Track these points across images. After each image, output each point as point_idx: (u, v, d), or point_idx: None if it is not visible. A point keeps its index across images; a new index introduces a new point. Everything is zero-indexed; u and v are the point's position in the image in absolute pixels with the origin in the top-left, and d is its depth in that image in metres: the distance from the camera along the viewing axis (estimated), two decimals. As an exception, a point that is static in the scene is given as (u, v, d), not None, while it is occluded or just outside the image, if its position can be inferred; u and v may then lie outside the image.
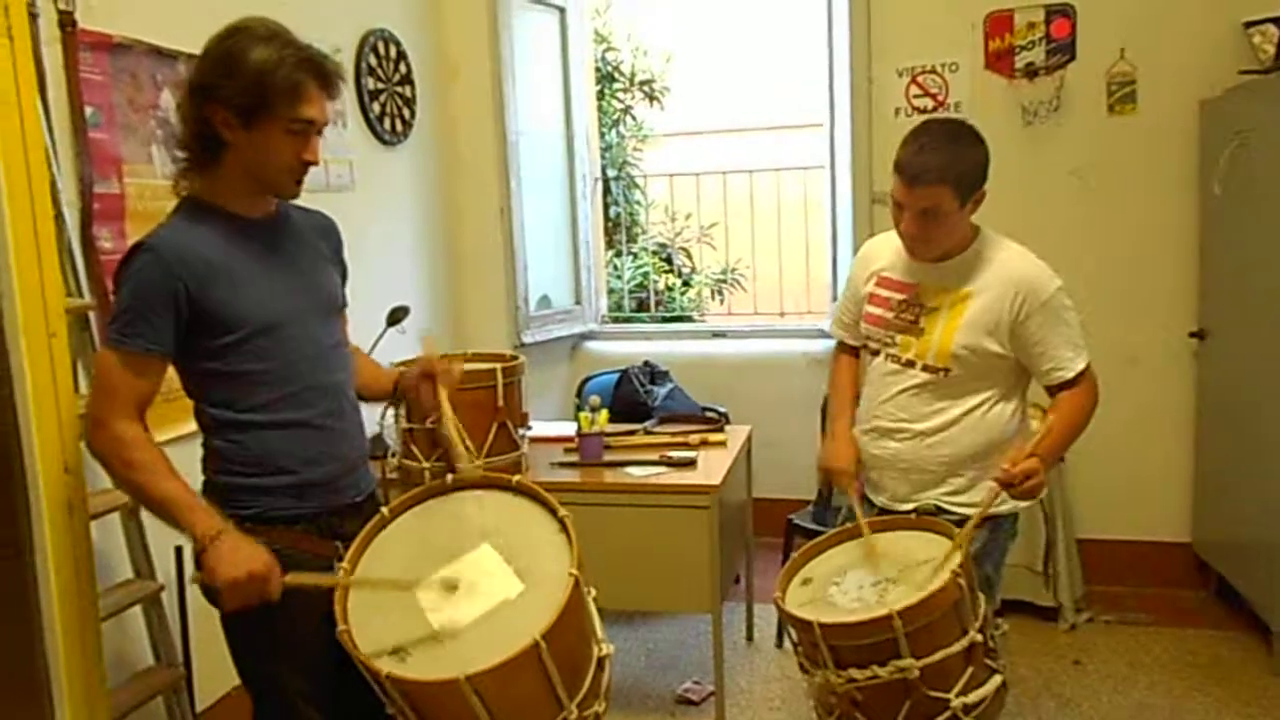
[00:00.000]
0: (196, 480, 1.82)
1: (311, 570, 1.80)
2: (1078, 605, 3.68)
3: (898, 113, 4.06)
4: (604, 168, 5.60)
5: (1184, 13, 3.71)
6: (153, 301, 1.68)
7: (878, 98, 4.09)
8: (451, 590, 1.71)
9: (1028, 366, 2.18)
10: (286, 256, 1.86)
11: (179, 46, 2.70)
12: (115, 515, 2.46)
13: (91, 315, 2.43)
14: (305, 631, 1.78)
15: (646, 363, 4.28)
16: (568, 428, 3.37)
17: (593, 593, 1.79)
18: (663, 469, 3.02)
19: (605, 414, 3.20)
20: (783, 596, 1.99)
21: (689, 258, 6.57)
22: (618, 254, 5.89)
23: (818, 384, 2.55)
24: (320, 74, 1.75)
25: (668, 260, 6.45)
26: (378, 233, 3.84)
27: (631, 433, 3.37)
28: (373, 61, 3.81)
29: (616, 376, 4.16)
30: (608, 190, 5.79)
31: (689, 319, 5.87)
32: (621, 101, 6.39)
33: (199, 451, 1.84)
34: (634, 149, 6.50)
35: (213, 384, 1.78)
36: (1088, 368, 2.15)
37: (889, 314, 2.27)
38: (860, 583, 1.96)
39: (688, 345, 4.81)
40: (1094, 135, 3.85)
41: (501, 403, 2.86)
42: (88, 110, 2.50)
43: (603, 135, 5.84)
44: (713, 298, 6.57)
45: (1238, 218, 3.44)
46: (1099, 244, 3.88)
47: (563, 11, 4.69)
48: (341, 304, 2.00)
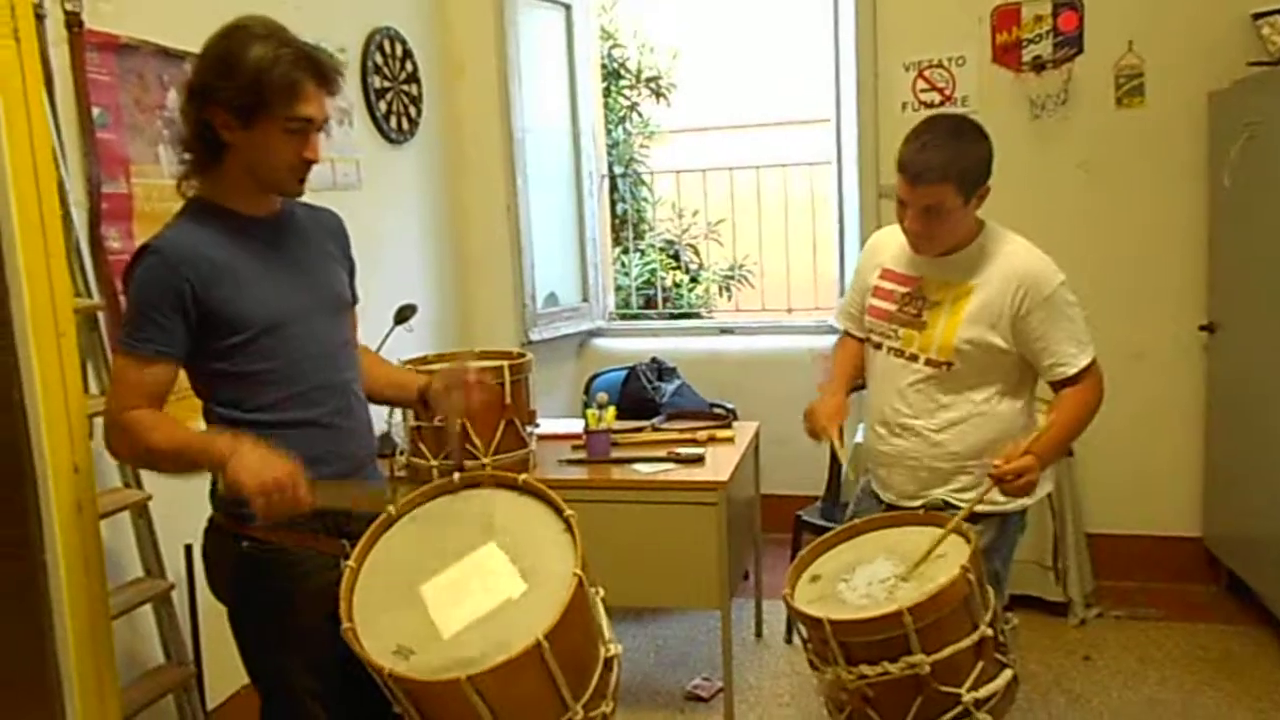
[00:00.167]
0: (204, 480, 1.82)
1: (320, 570, 1.81)
2: (1087, 600, 3.66)
3: (904, 107, 4.05)
4: (610, 165, 5.60)
5: (1192, 5, 3.69)
6: (160, 304, 1.69)
7: (884, 92, 4.08)
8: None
9: (1031, 362, 2.17)
10: (292, 255, 1.86)
11: (185, 47, 2.70)
12: (125, 514, 2.47)
13: (100, 315, 2.44)
14: (313, 629, 1.79)
15: (654, 359, 4.28)
16: (575, 425, 3.37)
17: (600, 592, 1.78)
18: (671, 466, 3.02)
19: (613, 411, 3.20)
20: (792, 593, 1.98)
21: (696, 254, 6.56)
22: (625, 251, 5.89)
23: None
24: (318, 71, 1.75)
25: (675, 257, 6.43)
26: (385, 231, 3.85)
27: (639, 429, 3.37)
28: (379, 60, 3.82)
29: (624, 373, 4.16)
30: (614, 187, 5.79)
31: (696, 315, 5.85)
32: (628, 98, 6.37)
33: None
34: (640, 146, 6.49)
35: (220, 384, 1.78)
36: (1093, 364, 2.14)
37: (892, 307, 2.26)
38: (869, 579, 1.96)
39: (695, 342, 4.80)
40: (1102, 128, 3.84)
41: (509, 400, 2.87)
42: (95, 110, 2.50)
43: (609, 132, 5.84)
44: (720, 294, 6.56)
45: (1247, 210, 3.42)
46: (1107, 237, 3.87)
47: (568, 8, 4.69)
48: (350, 301, 2.00)
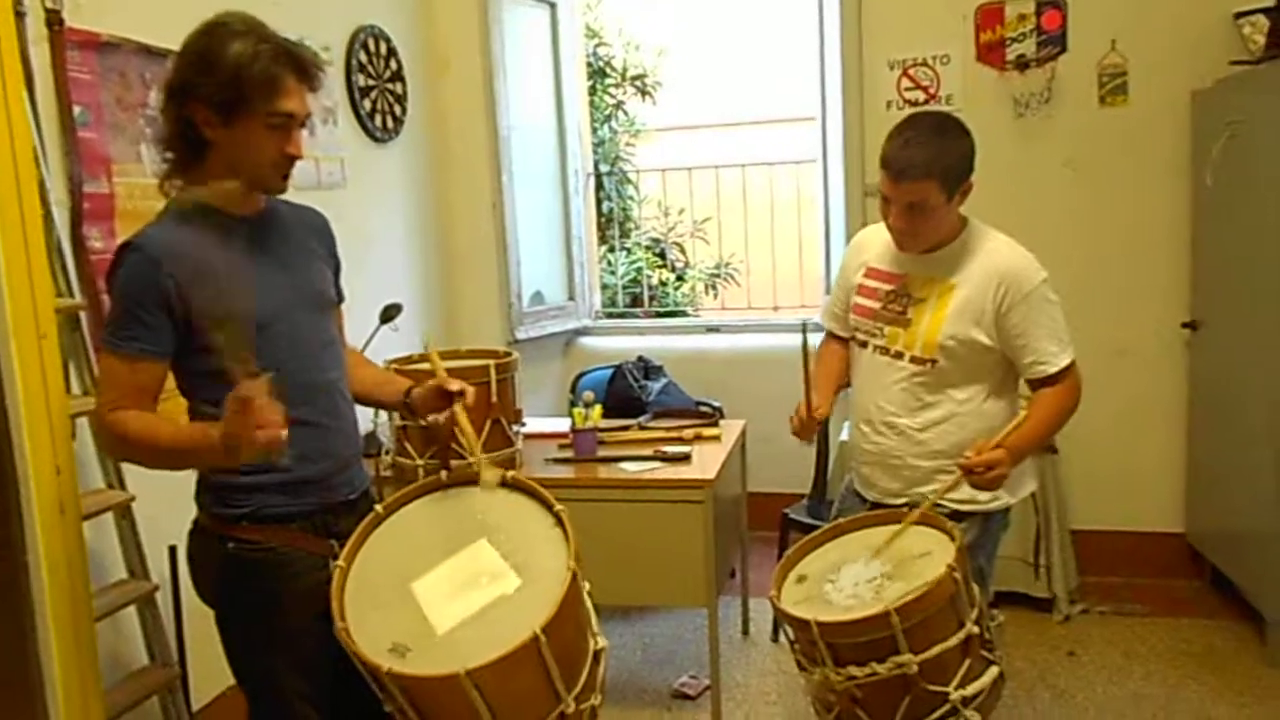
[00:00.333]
0: (190, 478, 1.81)
1: (308, 570, 1.80)
2: (1072, 597, 3.69)
3: (889, 105, 4.06)
4: (596, 163, 5.60)
5: (1174, 4, 3.71)
6: (143, 301, 1.68)
7: (869, 91, 4.09)
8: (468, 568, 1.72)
9: (1011, 359, 2.18)
10: (276, 253, 1.85)
11: (167, 45, 2.67)
12: (109, 515, 2.46)
13: (82, 315, 2.42)
14: (301, 630, 1.78)
15: (640, 358, 4.28)
16: (562, 424, 3.37)
17: (587, 587, 1.79)
18: (657, 464, 3.02)
19: (599, 409, 3.20)
20: (778, 594, 1.98)
21: (682, 253, 6.56)
22: (611, 249, 5.88)
23: (812, 378, 2.55)
24: (298, 66, 1.73)
25: (661, 255, 6.44)
26: (370, 230, 3.83)
27: (625, 428, 3.37)
28: (363, 58, 3.80)
29: (610, 372, 4.16)
30: (600, 185, 5.78)
31: (682, 314, 5.86)
32: (613, 96, 6.37)
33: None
34: (626, 144, 6.48)
35: (204, 382, 1.76)
36: (1072, 366, 2.15)
37: (877, 305, 2.27)
38: (855, 579, 1.96)
39: (681, 340, 4.81)
40: (1085, 127, 3.86)
41: (495, 399, 2.86)
42: (76, 109, 2.48)
43: (595, 130, 5.84)
44: (706, 292, 6.56)
45: (1229, 208, 3.45)
46: (1091, 235, 3.89)
47: (553, 6, 4.68)
48: (334, 300, 1.99)
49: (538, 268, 4.66)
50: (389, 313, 3.16)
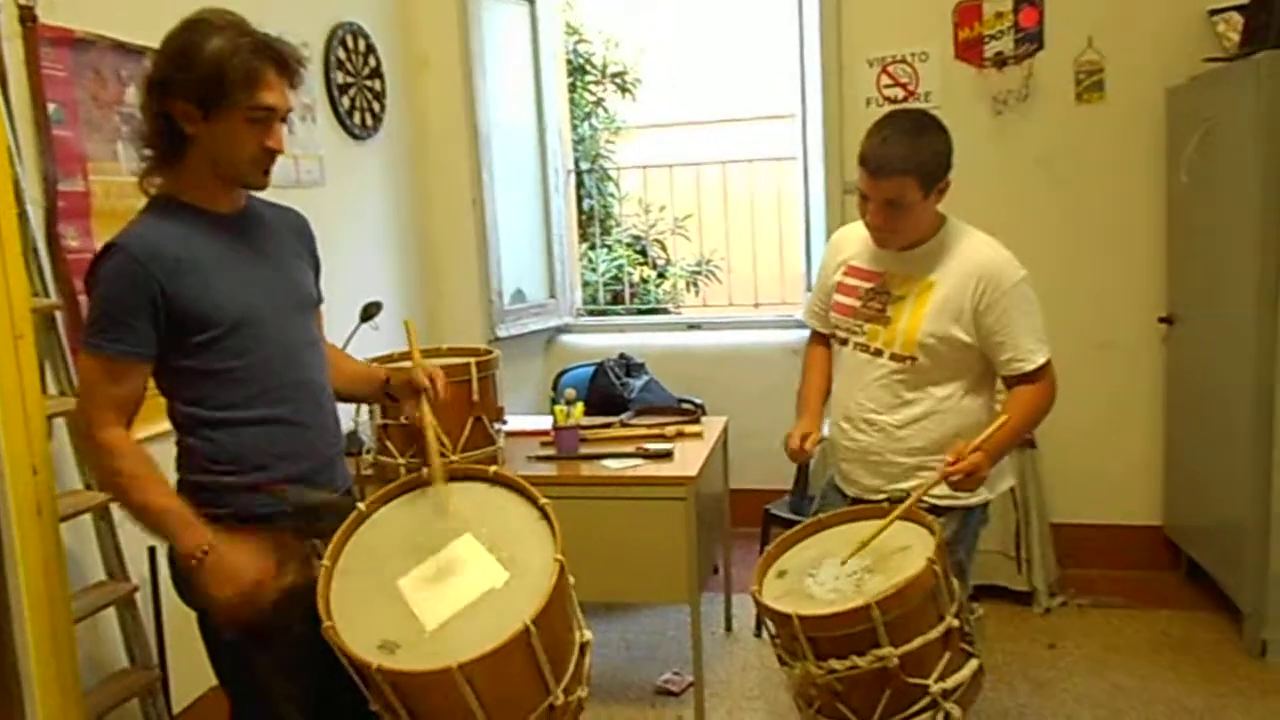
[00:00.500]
0: (170, 477, 1.80)
1: (291, 570, 1.79)
2: (1051, 589, 3.71)
3: (869, 103, 4.08)
4: (577, 160, 5.59)
5: (1150, 1, 3.74)
6: (128, 303, 1.66)
7: (848, 88, 4.11)
8: (444, 576, 1.72)
9: (989, 356, 2.19)
10: (257, 252, 1.85)
11: (143, 42, 2.66)
12: (87, 517, 2.43)
13: (58, 315, 2.39)
14: (287, 629, 1.77)
15: (622, 355, 4.28)
16: (544, 421, 3.37)
17: (572, 580, 1.80)
18: (639, 461, 3.03)
19: (581, 407, 3.20)
20: (759, 590, 1.99)
21: (663, 250, 6.57)
22: (591, 246, 5.88)
23: (793, 374, 2.55)
24: (278, 60, 1.73)
25: (642, 253, 6.44)
26: (349, 228, 3.81)
27: (608, 425, 3.37)
28: (341, 55, 3.78)
29: (592, 369, 4.16)
30: (581, 183, 5.78)
31: (664, 311, 5.86)
32: (593, 94, 6.37)
33: (174, 450, 1.82)
34: (606, 141, 6.48)
35: (186, 381, 1.76)
36: (1048, 364, 2.17)
37: (857, 303, 2.28)
38: (836, 573, 1.97)
39: (663, 337, 4.81)
40: (1062, 124, 3.89)
41: (477, 397, 2.85)
42: (50, 107, 2.45)
43: (575, 128, 5.83)
44: (687, 289, 6.57)
45: (1204, 204, 3.48)
46: (1069, 231, 3.92)
47: (533, 3, 4.67)
48: (316, 300, 1.99)
49: (518, 265, 4.65)
50: (369, 311, 3.15)
